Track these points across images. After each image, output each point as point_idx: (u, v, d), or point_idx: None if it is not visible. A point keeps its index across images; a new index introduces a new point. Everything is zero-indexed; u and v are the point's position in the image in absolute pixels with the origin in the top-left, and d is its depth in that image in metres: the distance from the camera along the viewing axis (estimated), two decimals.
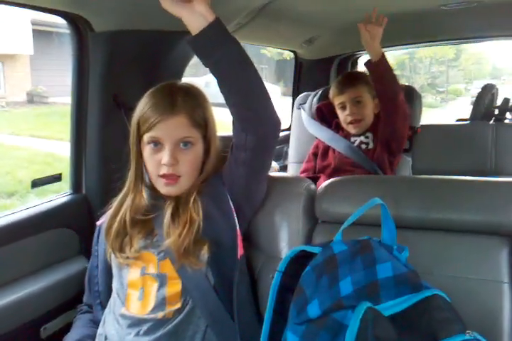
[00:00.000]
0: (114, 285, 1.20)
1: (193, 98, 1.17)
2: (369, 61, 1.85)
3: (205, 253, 1.12)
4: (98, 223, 1.29)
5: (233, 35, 1.04)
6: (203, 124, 1.17)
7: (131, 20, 1.46)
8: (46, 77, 8.98)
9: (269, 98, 1.08)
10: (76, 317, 1.31)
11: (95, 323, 1.24)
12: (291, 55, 3.04)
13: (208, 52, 1.03)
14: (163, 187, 1.17)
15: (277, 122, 1.10)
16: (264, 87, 1.07)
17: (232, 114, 1.09)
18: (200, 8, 1.01)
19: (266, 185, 1.23)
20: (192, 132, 1.15)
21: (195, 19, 1.02)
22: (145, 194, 1.21)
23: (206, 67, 1.05)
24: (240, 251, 1.15)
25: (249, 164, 1.12)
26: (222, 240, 1.13)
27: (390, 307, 0.91)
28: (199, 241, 1.12)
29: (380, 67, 1.82)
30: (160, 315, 1.10)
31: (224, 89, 1.06)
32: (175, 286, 1.12)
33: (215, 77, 1.06)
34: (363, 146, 2.02)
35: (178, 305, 1.11)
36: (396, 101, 1.84)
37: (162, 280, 1.13)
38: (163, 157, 1.14)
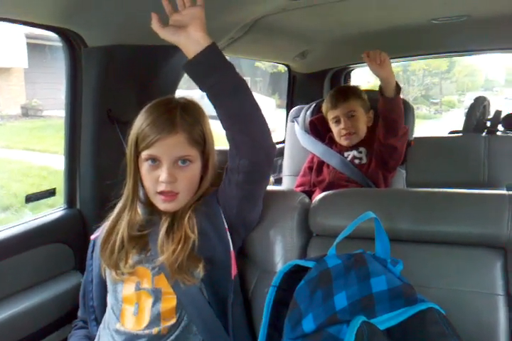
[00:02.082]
0: (109, 300, 1.19)
1: (191, 115, 1.16)
2: (382, 94, 1.77)
3: (200, 271, 1.11)
4: (92, 237, 1.29)
5: (229, 61, 1.04)
6: (201, 141, 1.17)
7: (124, 34, 1.46)
8: (41, 90, 8.96)
9: (265, 124, 1.07)
10: (71, 332, 1.30)
11: (90, 339, 1.23)
12: (285, 67, 3.06)
13: (203, 77, 1.03)
14: (161, 204, 1.16)
15: (272, 149, 1.10)
16: (261, 113, 1.06)
17: (227, 137, 1.08)
18: (196, 35, 1.02)
19: (261, 206, 1.22)
20: (190, 150, 1.15)
21: (192, 44, 1.02)
22: (140, 209, 1.20)
23: (202, 91, 1.05)
24: (234, 271, 1.14)
25: (242, 186, 1.12)
26: (216, 258, 1.13)
27: (385, 320, 0.90)
28: (194, 259, 1.11)
29: (393, 103, 1.77)
30: (155, 330, 1.09)
31: (219, 113, 1.05)
32: (170, 301, 1.11)
33: (211, 101, 1.05)
34: (356, 161, 2.01)
35: (173, 321, 1.10)
36: (399, 126, 1.83)
37: (157, 295, 1.12)
38: (161, 174, 1.13)
